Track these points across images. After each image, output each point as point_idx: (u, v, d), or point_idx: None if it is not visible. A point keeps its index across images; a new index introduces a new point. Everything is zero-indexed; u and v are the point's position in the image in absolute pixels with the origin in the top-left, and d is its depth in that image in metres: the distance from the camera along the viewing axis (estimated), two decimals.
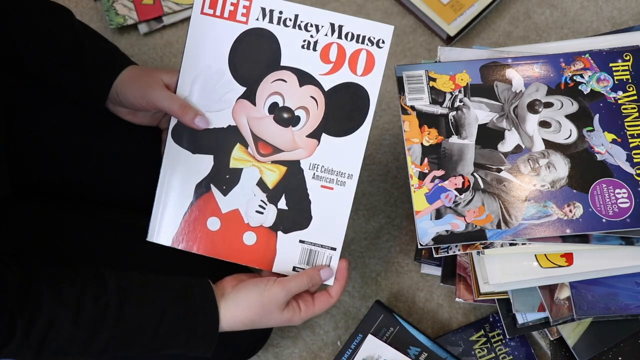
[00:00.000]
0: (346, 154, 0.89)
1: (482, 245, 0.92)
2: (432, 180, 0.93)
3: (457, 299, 1.02)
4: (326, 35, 0.88)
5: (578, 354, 0.98)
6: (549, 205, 0.91)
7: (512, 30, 1.27)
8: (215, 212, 0.91)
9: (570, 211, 0.90)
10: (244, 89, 0.90)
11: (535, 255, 0.93)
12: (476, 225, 0.91)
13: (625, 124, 0.95)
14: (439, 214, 0.92)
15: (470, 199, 0.92)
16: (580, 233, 0.90)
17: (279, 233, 0.90)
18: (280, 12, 0.88)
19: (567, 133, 0.95)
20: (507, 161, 0.94)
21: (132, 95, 0.90)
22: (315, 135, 0.89)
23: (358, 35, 0.87)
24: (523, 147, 0.94)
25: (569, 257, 0.93)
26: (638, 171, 0.92)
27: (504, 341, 1.07)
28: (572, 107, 0.96)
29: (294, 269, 0.91)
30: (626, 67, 0.97)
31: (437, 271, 1.10)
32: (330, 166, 0.89)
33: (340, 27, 0.87)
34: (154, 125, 0.97)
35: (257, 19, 0.88)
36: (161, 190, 0.92)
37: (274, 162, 0.90)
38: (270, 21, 0.88)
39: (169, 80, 0.90)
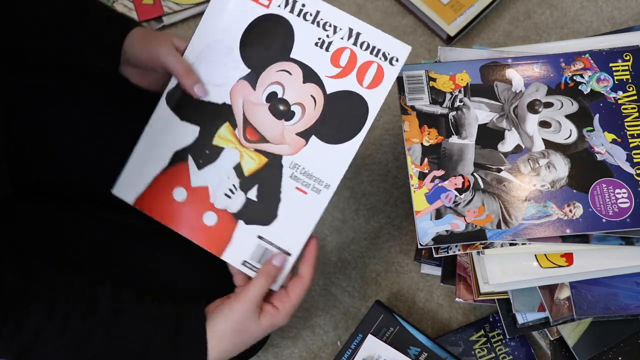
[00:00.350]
0: (330, 162, 0.86)
1: (482, 245, 0.92)
2: (432, 180, 0.93)
3: (457, 299, 1.02)
4: (342, 38, 0.86)
5: (578, 354, 0.98)
6: (549, 205, 0.91)
7: (512, 30, 1.27)
8: (184, 183, 0.89)
9: (570, 211, 0.90)
10: (249, 71, 0.88)
11: (535, 255, 0.93)
12: (476, 225, 0.91)
13: (625, 124, 0.95)
14: (439, 214, 0.92)
15: (470, 199, 0.92)
16: (580, 233, 0.90)
17: (240, 222, 0.88)
18: (303, 5, 0.86)
19: (567, 133, 0.95)
20: (507, 161, 0.94)
21: (139, 50, 0.89)
22: (305, 135, 0.87)
23: (373, 47, 0.86)
24: (523, 147, 0.94)
25: (569, 257, 0.93)
26: (638, 171, 0.92)
27: (504, 341, 1.07)
28: (572, 107, 0.96)
29: (244, 262, 0.88)
30: (626, 67, 0.97)
31: (437, 271, 1.10)
32: (310, 170, 0.87)
33: (358, 34, 0.86)
34: (161, 91, 0.94)
35: (279, 6, 0.87)
36: (139, 149, 0.90)
37: (257, 150, 0.88)
38: (291, 11, 0.87)
39: (179, 44, 0.89)
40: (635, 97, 0.96)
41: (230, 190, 0.88)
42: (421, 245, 0.91)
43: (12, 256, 0.80)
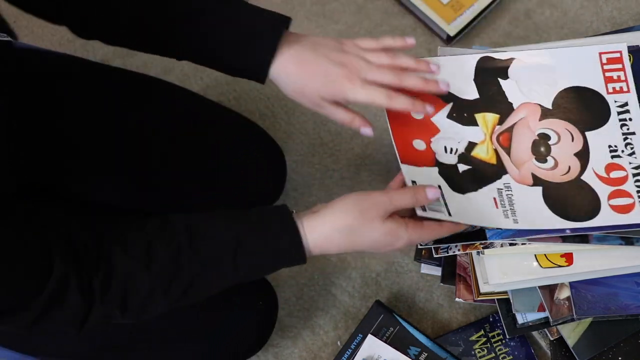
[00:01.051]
0: (535, 212, 0.87)
1: (482, 245, 0.92)
2: None
3: (457, 299, 1.02)
4: (630, 162, 0.88)
5: (578, 354, 0.97)
6: None
7: (512, 30, 1.27)
8: (435, 105, 0.89)
9: None
10: (549, 108, 0.91)
11: (535, 255, 0.93)
12: (476, 225, 0.91)
13: None
14: None
15: None
16: (580, 233, 0.90)
17: (435, 168, 0.88)
18: (633, 133, 0.89)
19: None
20: None
21: (291, 90, 0.82)
22: (536, 181, 0.89)
23: None
24: None
25: (569, 257, 0.93)
26: None
27: (504, 341, 1.07)
28: None
29: (413, 182, 0.86)
30: None
31: (437, 271, 1.10)
32: (515, 201, 0.88)
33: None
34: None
35: (616, 101, 0.91)
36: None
37: (496, 150, 0.90)
38: (621, 125, 0.90)
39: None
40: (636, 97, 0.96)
41: (451, 149, 0.90)
42: (421, 245, 0.91)
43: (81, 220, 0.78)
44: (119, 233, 0.76)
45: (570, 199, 0.88)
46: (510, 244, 0.91)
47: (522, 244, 0.91)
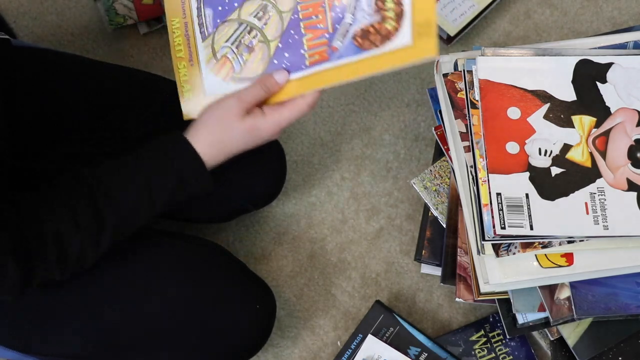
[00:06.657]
0: (628, 221, 0.88)
1: (541, 245, 0.91)
2: None
3: (457, 299, 1.02)
4: None
5: (578, 354, 0.97)
6: None
7: (512, 30, 1.27)
8: (524, 110, 0.93)
9: None
10: None
11: (536, 255, 0.93)
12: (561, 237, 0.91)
13: None
14: None
15: None
16: None
17: (526, 174, 0.90)
18: None
19: None
20: None
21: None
22: (631, 186, 0.90)
23: None
24: None
25: (569, 257, 0.93)
26: None
27: (504, 341, 1.07)
28: None
29: (498, 194, 0.90)
30: None
31: (437, 271, 1.10)
32: (607, 206, 0.89)
33: None
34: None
35: None
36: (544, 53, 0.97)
37: (591, 153, 0.91)
38: None
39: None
40: None
41: (546, 151, 0.91)
42: (487, 238, 0.90)
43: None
44: (37, 197, 0.79)
45: None
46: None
47: None
